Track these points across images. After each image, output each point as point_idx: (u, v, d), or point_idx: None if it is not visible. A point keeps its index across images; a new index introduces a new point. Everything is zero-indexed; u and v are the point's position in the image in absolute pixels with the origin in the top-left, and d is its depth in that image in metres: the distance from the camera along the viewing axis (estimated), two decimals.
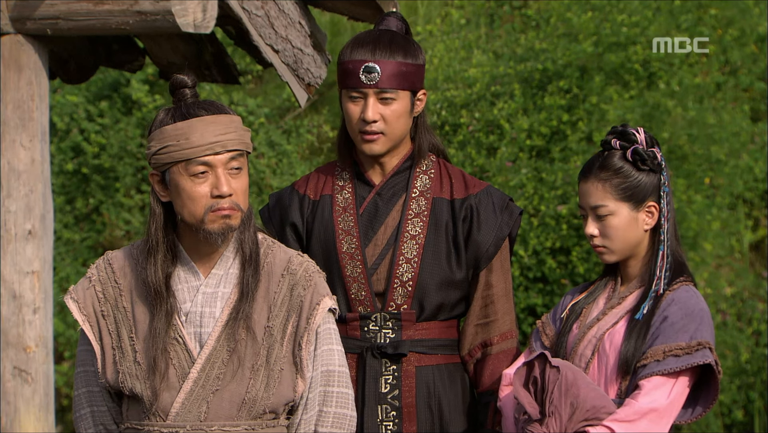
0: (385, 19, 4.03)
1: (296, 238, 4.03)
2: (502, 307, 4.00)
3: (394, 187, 4.01)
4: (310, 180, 4.08)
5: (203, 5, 4.80)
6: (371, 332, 3.94)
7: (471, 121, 10.64)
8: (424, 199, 3.99)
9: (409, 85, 3.93)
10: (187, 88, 3.47)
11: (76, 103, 11.02)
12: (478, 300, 3.99)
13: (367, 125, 3.91)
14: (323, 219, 4.00)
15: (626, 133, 3.81)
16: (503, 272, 4.01)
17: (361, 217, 3.98)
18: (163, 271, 3.44)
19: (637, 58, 10.50)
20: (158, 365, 3.41)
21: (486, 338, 3.99)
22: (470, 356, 4.00)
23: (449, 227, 3.97)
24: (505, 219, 3.99)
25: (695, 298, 3.76)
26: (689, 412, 3.77)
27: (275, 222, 4.06)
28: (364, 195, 4.01)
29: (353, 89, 3.92)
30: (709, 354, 3.68)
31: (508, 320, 4.00)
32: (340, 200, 4.01)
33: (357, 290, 3.94)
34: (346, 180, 4.03)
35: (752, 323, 10.44)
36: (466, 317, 4.02)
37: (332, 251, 3.96)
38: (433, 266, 3.94)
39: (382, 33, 3.97)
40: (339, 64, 3.96)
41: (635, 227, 3.80)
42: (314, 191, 4.05)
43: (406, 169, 4.01)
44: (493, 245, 3.97)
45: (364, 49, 3.91)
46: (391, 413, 3.94)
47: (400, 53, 3.92)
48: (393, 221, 3.98)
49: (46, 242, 5.08)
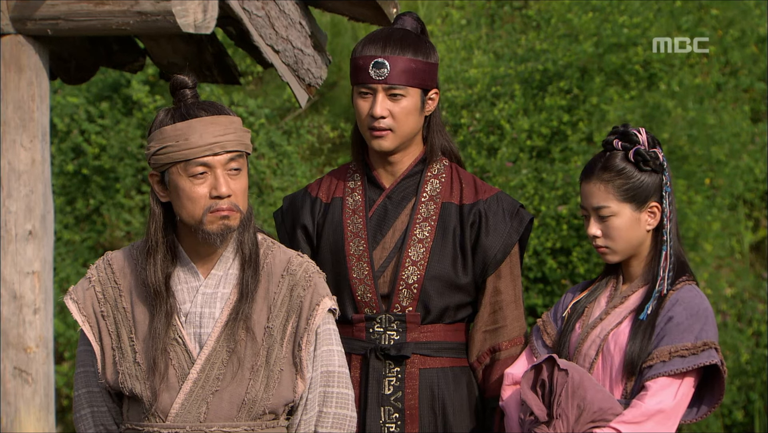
0: (402, 18, 4.03)
1: (307, 240, 4.03)
2: (511, 313, 3.98)
3: (404, 191, 4.00)
4: (323, 183, 4.08)
5: (204, 6, 4.80)
6: (376, 333, 3.94)
7: (471, 122, 10.65)
8: (433, 204, 3.98)
9: (419, 82, 3.92)
10: (188, 88, 3.47)
11: (77, 104, 11.02)
12: (487, 306, 3.98)
13: (375, 121, 3.91)
14: (333, 221, 4.00)
15: (628, 134, 3.81)
16: (512, 278, 3.99)
17: (370, 220, 3.98)
18: (162, 271, 3.44)
19: (637, 58, 10.50)
20: (158, 366, 3.40)
21: (494, 344, 3.98)
22: (479, 362, 3.99)
23: (457, 232, 3.96)
24: (515, 226, 3.98)
25: (699, 297, 3.76)
26: (694, 411, 3.77)
27: (287, 224, 4.07)
28: (374, 198, 4.01)
29: (363, 85, 3.92)
30: (715, 354, 3.68)
31: (518, 327, 3.99)
32: (350, 203, 4.01)
33: (363, 292, 3.94)
34: (357, 183, 4.03)
35: (752, 324, 10.44)
36: (475, 323, 4.01)
37: (340, 253, 3.96)
38: (439, 270, 3.93)
39: (394, 30, 3.97)
40: (351, 61, 3.97)
41: (638, 227, 3.80)
42: (326, 194, 4.05)
43: (417, 172, 4.01)
44: (501, 251, 3.96)
45: (375, 46, 3.92)
46: (394, 415, 3.94)
47: (411, 50, 3.91)
48: (401, 224, 3.98)
49: (46, 242, 5.08)
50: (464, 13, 12.09)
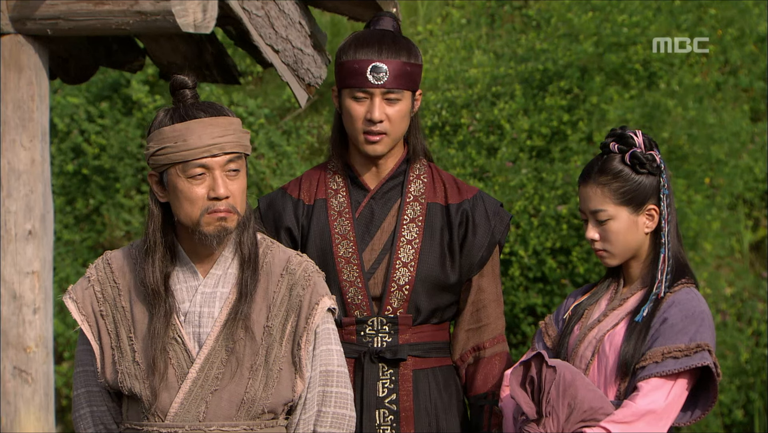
0: (381, 18, 4.02)
1: (291, 242, 4.01)
2: (493, 311, 4.01)
3: (388, 192, 4.00)
4: (302, 184, 4.05)
5: (203, 5, 4.80)
6: (368, 336, 3.94)
7: (471, 122, 10.64)
8: (418, 205, 3.99)
9: (412, 85, 3.94)
10: (188, 88, 3.47)
11: (77, 104, 11.02)
12: (470, 305, 4.00)
13: (373, 125, 3.90)
14: (319, 224, 3.99)
15: (624, 137, 3.80)
16: (494, 276, 4.02)
17: (357, 221, 3.97)
18: (161, 271, 3.44)
19: (637, 58, 10.50)
20: (157, 365, 3.41)
21: (478, 342, 4.00)
22: (462, 361, 4.01)
23: (444, 232, 3.97)
24: (497, 225, 4.00)
25: (696, 300, 3.75)
26: (688, 414, 3.75)
27: (268, 227, 4.03)
28: (359, 199, 4.00)
29: (359, 89, 3.91)
30: (708, 356, 3.67)
31: (500, 325, 4.02)
32: (335, 204, 4.00)
33: (354, 294, 3.93)
34: (340, 184, 4.01)
35: (752, 324, 10.43)
36: (457, 323, 4.02)
37: (329, 256, 3.95)
38: (429, 271, 3.94)
39: (384, 33, 3.96)
40: (341, 64, 3.94)
41: (635, 230, 3.80)
42: (308, 195, 4.03)
43: (401, 173, 4.01)
44: (486, 250, 3.98)
45: (370, 49, 3.90)
46: (389, 418, 3.94)
47: (404, 53, 3.92)
48: (389, 225, 3.98)
49: (46, 242, 5.08)
50: (464, 13, 12.09)
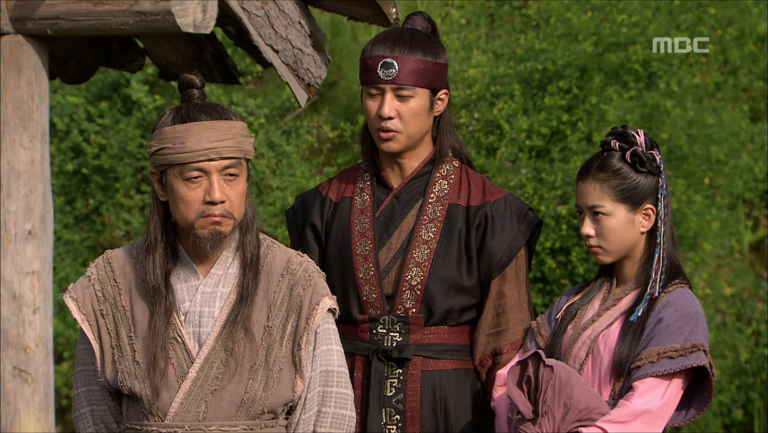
0: (412, 18, 4.02)
1: (315, 239, 4.03)
2: (514, 317, 3.96)
3: (412, 191, 4.00)
4: (333, 182, 4.08)
5: (203, 5, 4.80)
6: (379, 334, 3.94)
7: (471, 122, 10.65)
8: (440, 205, 3.97)
9: (427, 83, 3.92)
10: (195, 88, 3.47)
11: (76, 104, 11.02)
12: (490, 309, 3.96)
13: (383, 122, 3.91)
14: (341, 221, 4.00)
15: (626, 135, 3.81)
16: (517, 282, 3.98)
17: (377, 220, 3.98)
18: (162, 268, 3.44)
19: (636, 58, 10.50)
20: (158, 363, 3.40)
21: (496, 347, 3.96)
22: (482, 366, 3.98)
23: (462, 234, 3.95)
24: (522, 229, 3.96)
25: (690, 300, 3.75)
26: (683, 414, 3.76)
27: (298, 223, 4.07)
28: (382, 198, 4.00)
29: (371, 85, 3.92)
30: (703, 356, 3.67)
31: (520, 330, 3.96)
32: (358, 202, 4.01)
33: (368, 292, 3.93)
34: (366, 182, 4.02)
35: (752, 323, 10.44)
36: (478, 326, 3.98)
37: (347, 253, 3.96)
38: (443, 272, 3.93)
39: (404, 30, 3.96)
40: (361, 60, 3.97)
41: (631, 228, 3.80)
42: (336, 193, 4.05)
43: (426, 173, 4.00)
44: (506, 254, 3.94)
45: (384, 45, 3.91)
46: (395, 417, 3.93)
47: (419, 50, 3.91)
48: (408, 225, 3.97)
49: (46, 242, 5.08)
50: (464, 13, 12.09)
